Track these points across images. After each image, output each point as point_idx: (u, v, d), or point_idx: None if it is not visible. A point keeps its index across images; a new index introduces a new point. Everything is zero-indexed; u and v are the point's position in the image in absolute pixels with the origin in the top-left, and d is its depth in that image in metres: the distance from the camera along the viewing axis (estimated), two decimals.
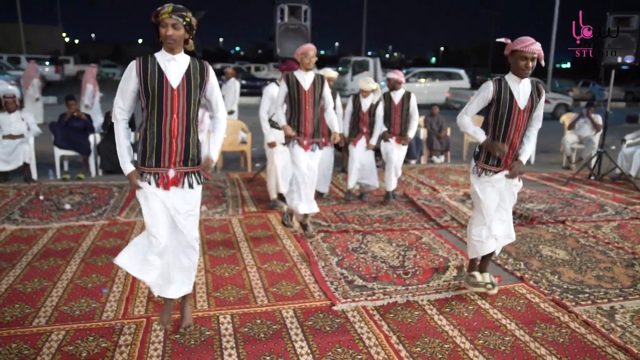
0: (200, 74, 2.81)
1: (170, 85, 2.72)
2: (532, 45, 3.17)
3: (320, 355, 2.81)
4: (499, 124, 3.36)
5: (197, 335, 2.99)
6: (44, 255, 4.16)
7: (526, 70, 3.23)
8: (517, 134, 3.36)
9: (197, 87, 2.80)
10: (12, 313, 3.20)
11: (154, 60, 2.73)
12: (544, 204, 6.04)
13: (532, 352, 2.91)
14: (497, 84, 3.32)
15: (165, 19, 2.66)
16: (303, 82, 4.53)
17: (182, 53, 2.78)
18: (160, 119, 2.74)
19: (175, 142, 2.77)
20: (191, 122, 2.81)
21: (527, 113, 3.33)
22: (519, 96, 3.31)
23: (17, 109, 6.75)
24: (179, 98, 2.73)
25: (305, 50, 4.50)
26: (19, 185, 6.42)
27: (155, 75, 2.70)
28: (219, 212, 5.50)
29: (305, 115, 4.56)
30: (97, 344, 2.86)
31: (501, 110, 3.32)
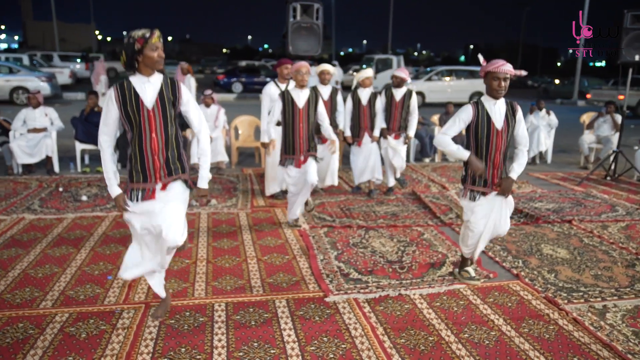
0: (172, 91, 2.91)
1: (145, 107, 2.83)
2: (503, 67, 3.27)
3: (306, 343, 2.92)
4: (479, 144, 3.47)
5: (191, 321, 3.13)
6: (57, 243, 4.38)
7: (499, 90, 3.33)
8: (497, 153, 3.46)
9: (171, 105, 2.90)
10: (22, 296, 3.41)
11: (129, 85, 2.83)
12: (553, 204, 6.01)
13: (516, 346, 2.95)
14: (475, 106, 3.44)
15: (156, 42, 2.77)
16: (297, 100, 4.65)
17: (155, 73, 2.88)
18: (140, 139, 2.86)
19: (157, 158, 2.90)
20: (170, 138, 2.92)
21: (504, 133, 3.43)
22: (495, 117, 3.42)
23: (40, 105, 7.04)
24: (155, 118, 2.85)
25: (297, 67, 4.57)
26: (42, 177, 6.71)
27: (132, 99, 2.82)
28: (228, 206, 5.65)
29: (300, 132, 4.67)
30: (97, 326, 3.03)
31: (480, 132, 3.44)
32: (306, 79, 4.58)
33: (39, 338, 2.89)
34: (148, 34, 2.75)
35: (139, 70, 2.83)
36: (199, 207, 5.56)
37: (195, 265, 3.99)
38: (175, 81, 2.96)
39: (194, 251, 4.27)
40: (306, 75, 4.57)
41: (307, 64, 4.65)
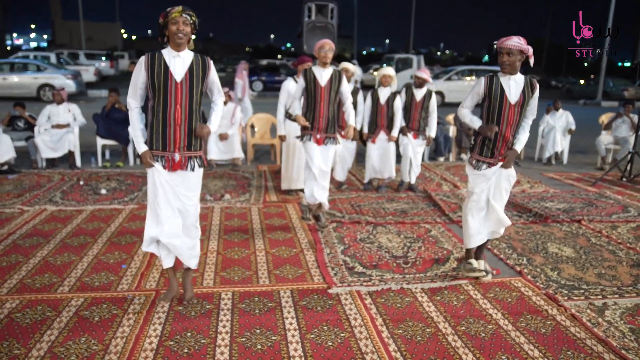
0: (203, 68, 3.10)
1: (174, 79, 3.01)
2: (506, 41, 3.36)
3: (306, 331, 3.04)
4: (490, 117, 3.54)
5: (199, 308, 3.28)
6: (76, 233, 4.58)
7: (503, 64, 3.41)
8: (509, 127, 3.52)
9: (200, 81, 3.09)
10: (42, 281, 3.60)
11: (160, 57, 3.02)
12: (564, 204, 6.01)
13: (511, 339, 3.02)
14: (489, 79, 3.52)
15: (177, 17, 2.96)
16: (320, 78, 4.60)
17: (186, 50, 3.07)
18: (165, 109, 3.03)
19: (179, 129, 3.07)
20: (193, 112, 3.10)
21: (518, 107, 3.49)
22: (509, 91, 3.47)
23: (64, 102, 7.30)
24: (182, 90, 3.03)
25: (321, 44, 4.59)
26: (64, 171, 6.96)
27: (162, 70, 3.00)
28: (241, 200, 5.80)
29: (320, 111, 4.63)
30: (109, 311, 3.20)
31: (492, 104, 3.51)
32: (329, 55, 4.51)
33: (55, 320, 3.07)
34: (169, 9, 2.97)
35: (170, 45, 3.03)
36: (213, 201, 5.73)
37: (205, 256, 4.14)
38: (206, 59, 3.14)
39: (205, 243, 4.42)
40: (329, 52, 4.52)
41: (330, 42, 4.63)
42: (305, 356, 2.78)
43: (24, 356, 2.70)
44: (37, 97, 15.61)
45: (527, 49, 3.38)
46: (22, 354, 2.72)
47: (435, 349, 2.90)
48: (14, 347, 2.78)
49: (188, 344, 2.86)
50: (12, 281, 3.59)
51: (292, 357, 2.77)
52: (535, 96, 3.53)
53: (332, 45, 4.66)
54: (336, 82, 4.65)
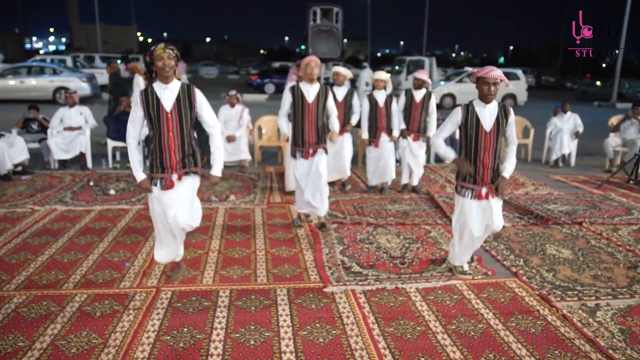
0: (189, 97, 3.41)
1: (165, 110, 3.34)
2: (492, 72, 3.45)
3: (299, 328, 3.13)
4: (468, 145, 3.67)
5: (197, 304, 3.39)
6: (84, 232, 4.73)
7: (489, 95, 3.51)
8: (487, 154, 3.62)
9: (188, 108, 3.41)
10: (48, 278, 3.74)
11: (152, 91, 3.34)
12: (567, 206, 6.02)
13: (500, 339, 3.08)
14: (465, 109, 3.64)
15: (161, 53, 3.26)
16: (307, 95, 4.68)
17: (174, 81, 3.38)
18: (160, 136, 3.38)
19: (173, 153, 3.42)
20: (185, 136, 3.42)
21: (493, 135, 3.59)
22: (484, 119, 3.59)
23: (76, 104, 7.50)
24: (172, 119, 3.36)
25: (307, 61, 4.64)
26: (75, 172, 7.15)
27: (154, 103, 3.34)
28: (245, 201, 5.91)
29: (309, 126, 4.72)
30: (111, 307, 3.32)
31: (469, 132, 3.62)
32: (315, 72, 4.60)
33: (59, 314, 3.20)
34: (152, 48, 3.26)
35: (159, 78, 3.34)
36: (218, 202, 5.85)
37: (207, 255, 4.26)
38: (191, 87, 3.42)
39: (207, 243, 4.54)
40: (315, 68, 4.60)
41: (317, 58, 4.71)
42: (295, 352, 2.87)
43: (27, 348, 2.83)
44: (53, 100, 15.92)
45: (505, 78, 3.49)
46: (26, 346, 2.85)
47: (424, 347, 2.97)
48: (18, 339, 2.92)
49: (184, 339, 2.97)
50: (21, 277, 3.74)
51: (283, 352, 2.86)
52: (510, 121, 3.64)
53: (318, 61, 4.73)
54: (323, 98, 4.73)
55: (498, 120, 3.57)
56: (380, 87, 6.09)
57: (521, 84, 19.26)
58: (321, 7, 6.76)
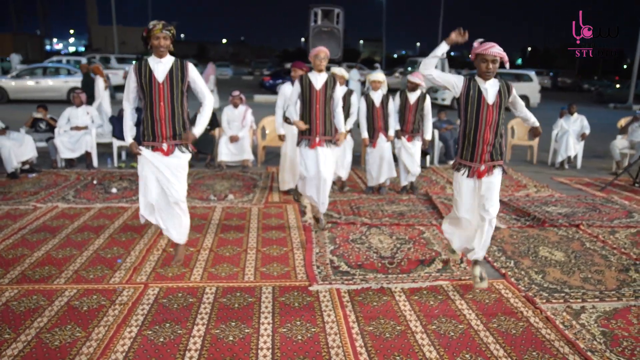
0: (182, 71, 3.68)
1: (157, 81, 3.62)
2: (492, 49, 3.36)
3: (279, 325, 3.17)
4: (469, 119, 3.56)
5: (182, 301, 3.45)
6: (81, 229, 4.83)
7: (487, 72, 3.44)
8: (488, 129, 3.53)
9: (179, 81, 3.68)
10: (41, 273, 3.84)
11: (146, 63, 3.64)
12: (566, 208, 5.97)
13: (479, 339, 3.08)
14: (467, 80, 3.55)
15: (157, 33, 3.56)
16: (315, 83, 4.79)
17: (167, 56, 3.67)
18: (151, 106, 3.66)
19: (164, 123, 3.70)
20: (176, 108, 3.70)
21: (496, 108, 3.50)
22: (487, 93, 3.51)
23: (82, 104, 7.65)
24: (163, 90, 3.64)
25: (316, 52, 4.78)
26: (81, 170, 7.29)
27: (147, 74, 3.63)
28: (243, 201, 5.97)
29: (316, 114, 4.80)
30: (98, 301, 3.40)
31: (470, 105, 3.53)
32: (323, 63, 4.74)
33: (47, 308, 3.29)
34: (151, 26, 3.57)
35: (154, 53, 3.62)
36: (216, 201, 5.92)
37: (198, 253, 4.32)
38: (185, 63, 3.72)
39: (200, 240, 4.60)
40: (324, 60, 4.73)
41: (326, 49, 4.82)
42: (272, 348, 2.91)
43: (12, 340, 2.91)
44: (67, 100, 16.20)
45: (505, 56, 3.44)
46: (12, 338, 2.94)
47: (400, 346, 2.98)
48: (4, 331, 3.00)
49: (165, 334, 3.03)
50: (15, 272, 3.84)
51: (260, 349, 2.91)
52: (513, 94, 3.61)
53: (327, 52, 4.84)
54: (331, 87, 4.83)
55: (500, 94, 3.52)
56: (376, 88, 6.12)
57: (534, 85, 19.08)
58: (322, 8, 6.81)
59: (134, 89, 3.70)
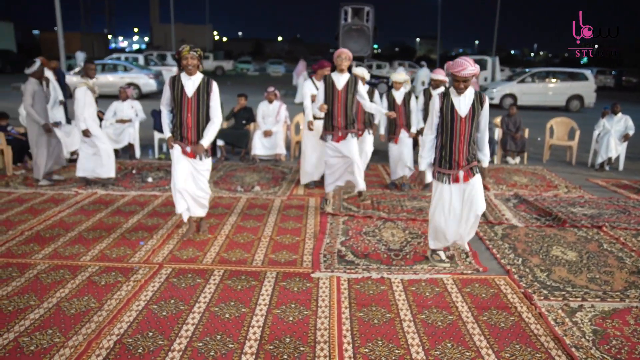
0: (207, 88, 4.27)
1: (186, 95, 4.22)
2: (463, 71, 3.61)
3: (274, 307, 3.37)
4: (444, 131, 3.87)
5: (190, 281, 3.72)
6: (113, 214, 5.22)
7: (459, 90, 3.73)
8: (462, 139, 3.84)
9: (205, 96, 4.28)
10: (71, 251, 4.22)
11: (179, 79, 4.24)
12: (594, 210, 5.82)
13: (465, 330, 3.15)
14: (442, 97, 3.86)
15: (186, 54, 4.13)
16: (337, 83, 5.23)
17: (197, 74, 4.25)
18: (180, 115, 4.28)
19: (190, 130, 4.30)
20: (200, 118, 4.29)
21: (469, 121, 3.78)
22: (459, 106, 3.78)
23: (128, 98, 8.14)
24: (191, 103, 4.25)
25: (338, 53, 5.17)
26: (123, 161, 7.78)
27: (179, 88, 4.23)
28: (268, 192, 6.21)
29: (338, 111, 5.27)
30: (115, 278, 3.72)
31: (445, 118, 3.83)
32: (345, 64, 5.15)
33: (70, 281, 3.64)
34: (181, 48, 4.15)
35: (185, 71, 4.20)
36: (243, 192, 6.19)
37: (215, 239, 4.59)
38: (210, 81, 4.31)
39: (219, 228, 4.87)
40: (345, 60, 5.14)
41: (347, 51, 5.18)
42: (263, 327, 3.11)
43: (36, 306, 3.27)
44: None
45: (477, 71, 3.65)
46: (36, 305, 3.29)
47: (385, 332, 3.11)
48: (31, 299, 3.37)
49: (168, 308, 3.29)
50: (49, 249, 4.24)
51: (251, 326, 3.12)
52: (484, 109, 3.82)
53: (349, 54, 5.23)
54: (352, 86, 5.24)
55: (474, 106, 3.76)
56: (398, 88, 6.21)
57: (589, 84, 18.29)
58: (352, 6, 6.94)
59: (169, 98, 4.31)
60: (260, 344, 2.94)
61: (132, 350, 2.82)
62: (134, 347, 2.85)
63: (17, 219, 4.96)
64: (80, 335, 2.95)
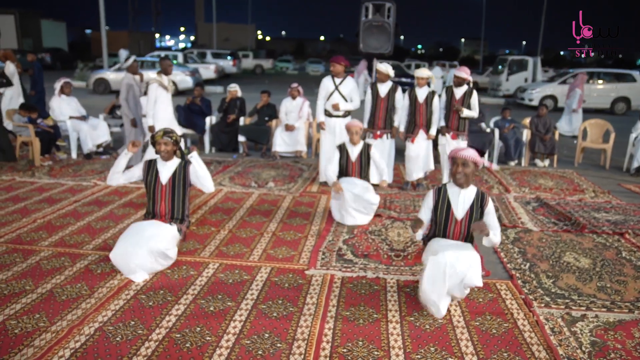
0: (184, 172, 4.02)
1: (160, 182, 3.97)
2: (461, 151, 3.20)
3: (260, 302, 3.33)
4: (437, 230, 3.41)
5: (183, 273, 3.73)
6: (125, 205, 5.32)
7: (457, 175, 3.24)
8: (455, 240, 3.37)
9: (181, 183, 4.01)
10: (77, 239, 4.32)
11: (155, 164, 4.02)
12: (619, 216, 5.52)
13: (453, 335, 3.03)
14: (437, 192, 3.39)
15: (158, 139, 3.90)
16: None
17: (173, 159, 4.02)
18: (154, 203, 3.99)
19: (164, 217, 3.98)
20: (175, 206, 3.99)
21: (465, 223, 3.30)
22: (457, 206, 3.31)
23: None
24: (165, 190, 3.97)
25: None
26: None
27: (153, 174, 3.99)
28: (282, 189, 6.19)
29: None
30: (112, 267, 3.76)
31: (438, 217, 3.36)
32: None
33: (68, 268, 3.72)
34: (154, 133, 3.98)
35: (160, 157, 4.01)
36: (256, 188, 6.20)
37: (218, 232, 4.61)
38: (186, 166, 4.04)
39: (224, 222, 4.89)
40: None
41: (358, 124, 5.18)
42: (244, 322, 3.09)
43: (30, 291, 3.36)
44: None
45: (481, 162, 3.26)
46: (31, 289, 3.38)
47: (369, 332, 3.02)
48: (27, 284, 3.46)
49: (155, 299, 3.32)
50: (56, 237, 4.36)
51: (233, 320, 3.09)
52: (487, 211, 3.31)
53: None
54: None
55: (472, 208, 3.29)
56: (421, 84, 6.03)
57: (637, 86, 17.42)
58: (373, 2, 6.82)
59: (136, 179, 4.12)
60: (238, 338, 2.91)
61: (110, 337, 2.85)
62: (113, 335, 2.88)
63: (33, 207, 5.13)
64: (65, 321, 3.00)
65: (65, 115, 7.63)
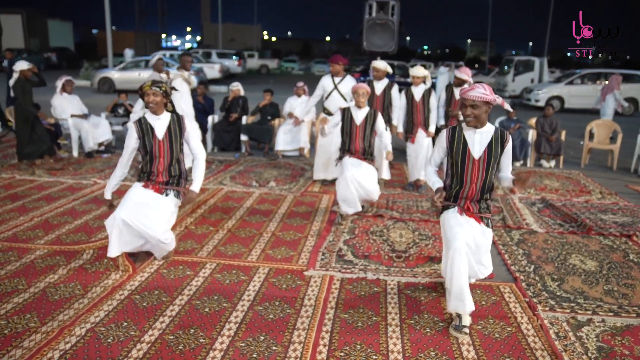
0: (179, 126, 3.73)
1: (157, 138, 3.67)
2: (469, 92, 3.00)
3: (257, 303, 3.25)
4: (453, 173, 3.23)
5: (180, 273, 3.66)
6: None
7: (467, 118, 3.06)
8: (473, 185, 3.15)
9: (177, 136, 3.74)
10: (73, 238, 4.26)
11: (146, 121, 3.67)
12: (627, 217, 5.40)
13: (454, 338, 2.94)
14: (451, 132, 3.20)
15: (147, 90, 3.58)
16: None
17: (164, 112, 3.70)
18: (152, 161, 3.71)
19: (161, 175, 3.73)
20: (173, 161, 3.74)
21: (483, 163, 3.11)
22: (473, 145, 3.13)
23: None
24: (163, 146, 3.69)
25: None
26: None
27: (149, 132, 3.66)
28: (284, 188, 6.11)
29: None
30: (106, 266, 3.70)
31: (454, 158, 3.18)
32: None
33: (62, 266, 3.65)
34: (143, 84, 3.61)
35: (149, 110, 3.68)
36: (258, 187, 6.12)
37: (216, 232, 4.53)
38: (181, 118, 3.78)
39: (224, 222, 4.81)
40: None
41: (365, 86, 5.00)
42: (240, 323, 3.01)
43: (23, 291, 3.29)
44: None
45: (493, 99, 3.00)
46: (23, 289, 3.32)
47: (367, 335, 2.94)
48: (20, 283, 3.40)
49: (150, 299, 3.24)
50: (52, 235, 4.30)
51: (228, 321, 3.02)
52: (506, 150, 3.14)
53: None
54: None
55: (490, 147, 3.09)
56: (417, 83, 5.95)
57: None
58: (377, 0, 6.73)
59: (133, 151, 3.71)
60: (233, 340, 2.83)
61: (101, 339, 2.78)
62: (104, 337, 2.81)
63: (31, 206, 5.08)
64: (56, 322, 2.94)
65: (67, 114, 7.59)
